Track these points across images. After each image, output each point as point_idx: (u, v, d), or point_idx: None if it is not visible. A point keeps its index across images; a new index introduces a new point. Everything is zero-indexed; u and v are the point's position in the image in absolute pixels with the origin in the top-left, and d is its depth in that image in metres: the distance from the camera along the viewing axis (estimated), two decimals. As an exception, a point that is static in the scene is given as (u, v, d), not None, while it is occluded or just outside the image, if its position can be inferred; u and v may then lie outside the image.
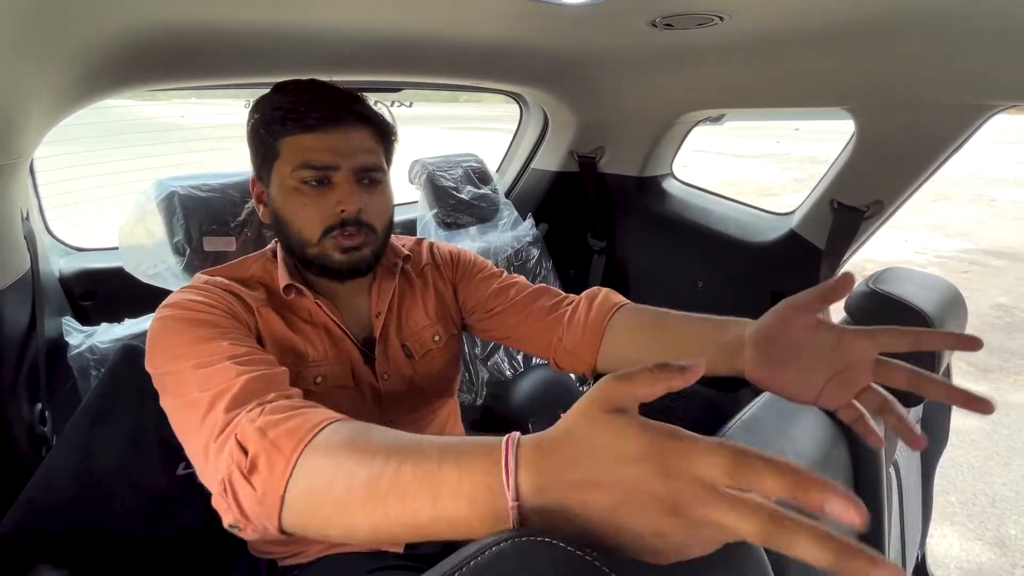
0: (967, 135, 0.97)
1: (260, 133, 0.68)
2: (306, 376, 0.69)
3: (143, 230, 1.08)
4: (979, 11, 0.77)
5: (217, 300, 0.62)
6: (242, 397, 0.49)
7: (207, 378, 0.51)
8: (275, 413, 0.46)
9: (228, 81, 1.01)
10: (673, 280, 1.64)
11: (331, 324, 0.73)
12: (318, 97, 0.67)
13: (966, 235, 5.80)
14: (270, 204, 0.70)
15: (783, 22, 0.88)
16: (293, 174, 0.66)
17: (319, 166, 0.65)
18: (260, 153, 0.69)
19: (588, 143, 1.63)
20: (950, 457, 2.41)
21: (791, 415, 0.71)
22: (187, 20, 0.74)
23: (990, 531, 2.03)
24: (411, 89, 1.34)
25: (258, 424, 0.45)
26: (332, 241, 0.67)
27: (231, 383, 0.50)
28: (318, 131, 0.65)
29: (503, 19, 0.89)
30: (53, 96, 0.74)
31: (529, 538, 0.30)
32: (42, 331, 0.86)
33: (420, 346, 0.81)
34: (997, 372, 3.12)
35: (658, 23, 0.89)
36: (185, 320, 0.58)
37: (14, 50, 0.56)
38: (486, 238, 1.63)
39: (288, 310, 0.70)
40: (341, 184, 0.66)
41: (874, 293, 0.82)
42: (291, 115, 0.65)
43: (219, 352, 0.54)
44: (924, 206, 7.00)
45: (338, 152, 0.66)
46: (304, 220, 0.67)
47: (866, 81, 1.00)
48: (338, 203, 0.66)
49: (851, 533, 0.72)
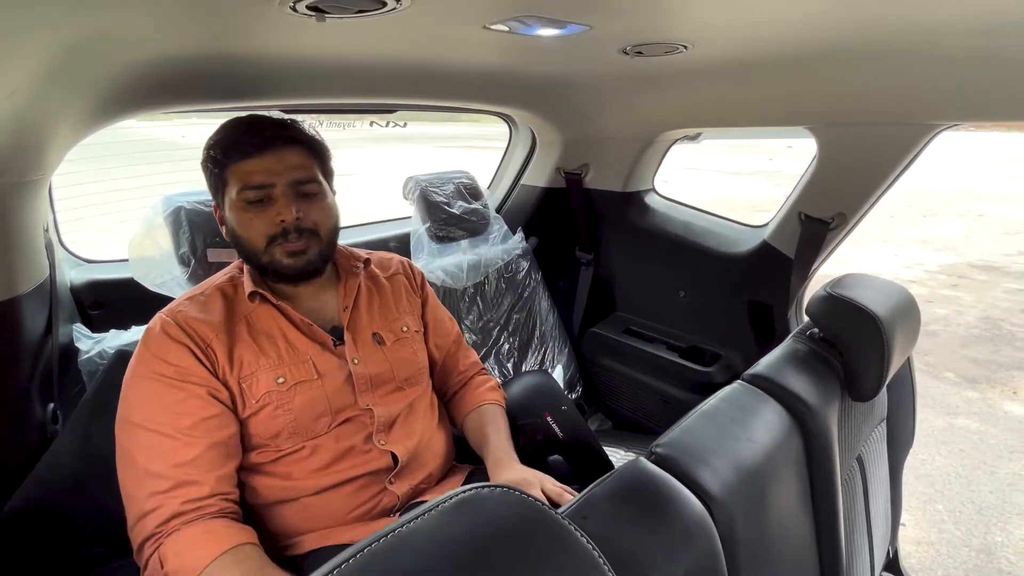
0: (916, 152, 1.05)
1: (209, 167, 0.81)
2: (267, 379, 0.78)
3: (151, 242, 1.15)
4: (919, 41, 0.85)
5: (175, 357, 0.74)
6: (171, 517, 0.68)
7: (157, 447, 0.70)
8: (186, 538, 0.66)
9: (231, 105, 1.09)
10: (657, 290, 1.71)
11: (287, 324, 0.82)
12: (252, 128, 0.79)
13: (954, 250, 5.89)
14: (227, 224, 0.82)
15: (742, 50, 0.96)
16: (239, 196, 0.77)
17: (257, 185, 0.77)
18: (212, 183, 0.82)
19: (574, 160, 1.71)
20: (938, 466, 2.45)
21: (749, 408, 0.77)
22: (195, 52, 0.82)
23: (976, 538, 2.05)
24: (404, 110, 1.43)
25: (177, 547, 0.66)
26: (279, 248, 0.78)
27: (160, 501, 0.68)
28: (254, 156, 0.77)
29: (489, 48, 0.97)
30: (76, 118, 0.82)
31: (491, 488, 0.36)
32: (57, 336, 0.93)
33: (390, 334, 0.91)
34: (984, 383, 3.17)
35: (629, 51, 0.98)
36: (147, 380, 0.73)
37: (46, 78, 0.63)
38: (477, 251, 1.70)
39: (244, 325, 0.80)
40: (279, 199, 0.78)
41: (832, 297, 0.89)
42: (232, 147, 0.78)
43: (170, 424, 0.71)
44: (914, 221, 7.12)
45: (272, 172, 0.77)
46: (252, 234, 0.78)
47: (823, 102, 1.08)
48: (277, 214, 0.78)
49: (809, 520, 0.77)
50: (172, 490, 0.68)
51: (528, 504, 0.36)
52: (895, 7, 0.71)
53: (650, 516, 0.56)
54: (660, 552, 0.53)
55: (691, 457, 0.64)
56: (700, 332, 1.61)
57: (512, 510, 0.35)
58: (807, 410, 0.78)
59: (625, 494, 0.58)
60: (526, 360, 1.71)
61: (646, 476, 0.60)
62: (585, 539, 0.36)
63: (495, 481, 0.49)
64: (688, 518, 0.57)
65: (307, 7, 0.62)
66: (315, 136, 0.84)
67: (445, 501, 0.35)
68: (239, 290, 0.83)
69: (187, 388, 0.73)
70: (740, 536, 0.61)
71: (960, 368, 3.33)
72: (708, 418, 0.72)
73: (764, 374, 0.82)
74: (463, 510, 0.35)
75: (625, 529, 0.53)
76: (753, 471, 0.67)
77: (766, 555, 0.66)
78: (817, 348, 0.91)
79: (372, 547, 0.32)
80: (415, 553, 0.32)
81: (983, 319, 4.07)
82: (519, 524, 0.35)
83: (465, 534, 0.33)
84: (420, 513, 0.34)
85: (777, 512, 0.70)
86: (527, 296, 1.75)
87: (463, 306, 1.61)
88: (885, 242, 6.24)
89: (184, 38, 0.73)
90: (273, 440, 0.78)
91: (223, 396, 0.75)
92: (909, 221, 7.17)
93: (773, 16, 0.76)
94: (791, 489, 0.74)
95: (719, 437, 0.69)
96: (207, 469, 0.71)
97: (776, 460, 0.71)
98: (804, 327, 0.97)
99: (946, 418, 2.81)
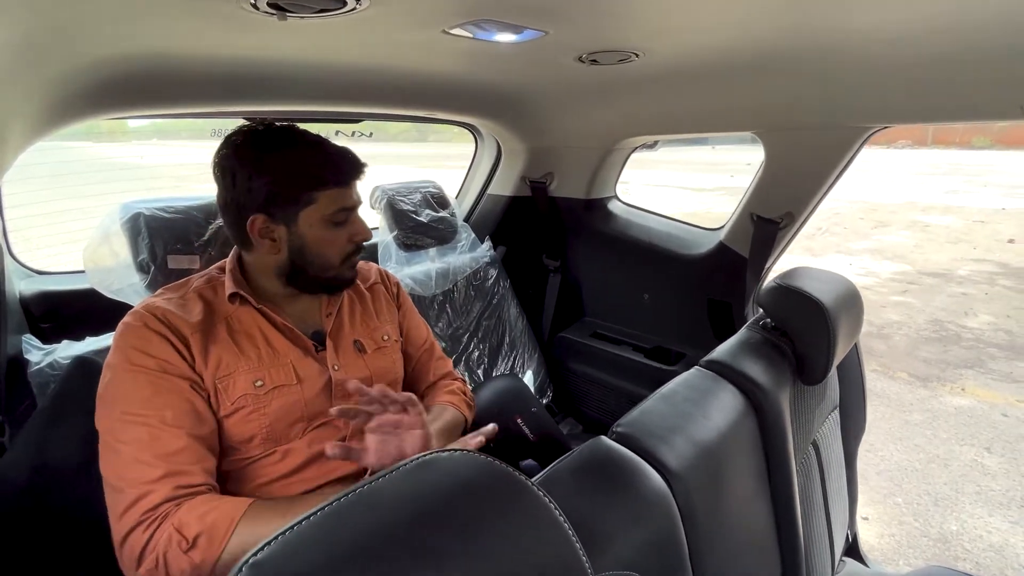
0: (852, 153, 1.13)
1: (299, 182, 0.79)
2: (244, 381, 0.77)
3: (107, 250, 1.12)
4: (843, 49, 0.93)
5: (156, 349, 0.73)
6: (162, 502, 0.66)
7: (142, 437, 0.68)
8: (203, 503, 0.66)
9: (195, 109, 1.09)
10: (622, 294, 1.75)
11: (268, 327, 0.82)
12: (344, 158, 0.83)
13: (903, 258, 6.23)
14: (292, 240, 0.81)
15: (689, 58, 1.03)
16: (331, 216, 0.81)
17: (350, 207, 0.84)
18: (283, 199, 0.79)
19: (538, 169, 1.76)
20: (895, 462, 2.56)
21: (706, 390, 0.80)
22: (155, 51, 0.82)
23: (934, 528, 2.14)
24: (371, 120, 1.45)
25: (198, 512, 0.65)
26: (348, 264, 0.86)
27: (150, 488, 0.66)
28: (348, 185, 0.83)
29: (451, 55, 1.01)
30: (30, 120, 0.80)
31: (452, 451, 0.37)
32: (4, 346, 0.89)
33: (371, 343, 0.92)
34: (935, 381, 3.34)
35: (584, 59, 1.03)
36: (126, 376, 0.72)
37: (1, 74, 0.62)
38: (445, 259, 1.71)
39: (223, 326, 0.79)
40: (356, 220, 0.86)
41: (781, 288, 0.94)
42: (333, 173, 0.81)
43: (154, 415, 0.69)
44: (865, 233, 7.49)
45: (357, 197, 0.86)
46: (333, 251, 0.84)
47: (765, 108, 1.16)
48: (355, 233, 0.85)
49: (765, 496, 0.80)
50: (162, 478, 0.66)
51: (490, 463, 0.37)
52: (821, 17, 0.78)
53: (611, 488, 0.58)
54: (621, 521, 0.55)
55: (650, 435, 0.66)
56: (664, 332, 1.65)
57: (473, 469, 0.37)
58: (760, 392, 0.82)
59: (587, 468, 0.59)
60: (496, 366, 1.72)
61: (607, 452, 0.62)
62: (546, 498, 0.38)
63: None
64: (648, 490, 0.59)
65: (268, 5, 0.63)
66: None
67: (408, 463, 0.36)
68: (219, 292, 0.82)
69: (169, 380, 0.71)
70: (698, 508, 0.63)
71: (912, 368, 3.50)
72: (666, 400, 0.75)
73: (720, 359, 0.86)
74: (426, 469, 0.36)
75: (587, 499, 0.55)
76: (710, 447, 0.70)
77: (723, 527, 0.68)
78: (769, 336, 0.96)
79: (338, 503, 0.33)
80: (380, 507, 0.33)
81: (932, 322, 4.29)
82: (480, 481, 0.36)
83: (428, 489, 0.35)
84: (384, 473, 0.35)
85: (734, 486, 0.73)
86: (496, 303, 1.77)
87: (432, 314, 1.62)
88: (839, 252, 6.54)
89: (144, 35, 0.73)
90: (245, 445, 0.77)
91: (202, 392, 0.74)
92: (861, 232, 7.54)
93: (716, 24, 0.82)
94: (747, 464, 0.77)
95: (677, 417, 0.72)
96: (195, 460, 0.69)
97: (732, 438, 0.75)
98: (757, 318, 1.02)
99: (901, 415, 2.94)
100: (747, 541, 0.75)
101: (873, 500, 2.30)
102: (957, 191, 10.73)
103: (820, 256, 6.34)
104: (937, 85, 0.94)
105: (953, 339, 3.95)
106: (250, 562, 0.29)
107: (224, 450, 0.76)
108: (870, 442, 2.70)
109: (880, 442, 2.70)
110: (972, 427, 2.82)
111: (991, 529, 2.10)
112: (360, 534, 0.31)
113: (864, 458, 2.59)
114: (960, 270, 5.69)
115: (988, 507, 2.23)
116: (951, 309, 4.56)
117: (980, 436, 2.73)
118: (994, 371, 3.44)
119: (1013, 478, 2.40)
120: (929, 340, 3.94)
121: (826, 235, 7.42)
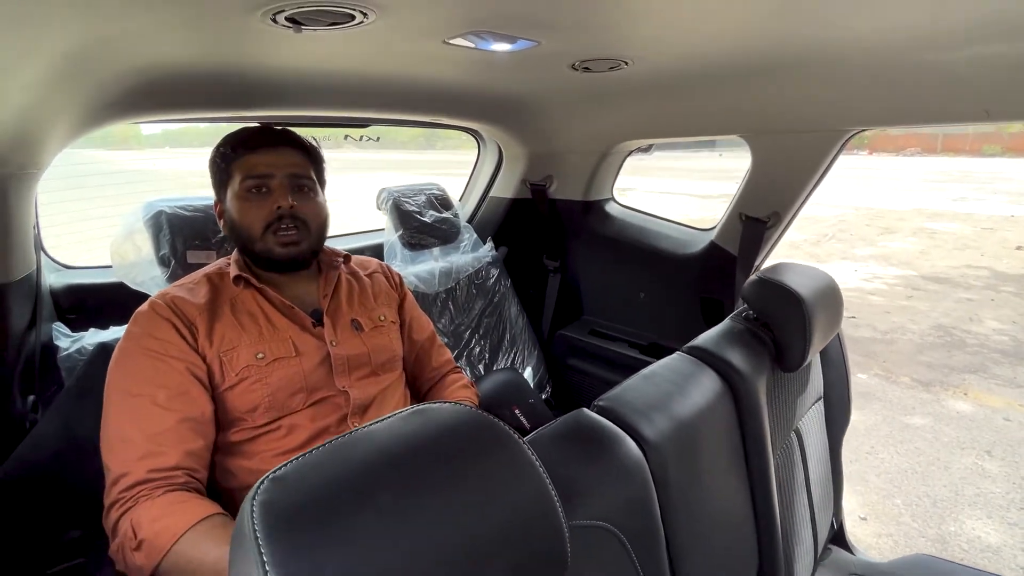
0: (834, 155, 1.19)
1: (218, 162, 0.91)
2: (247, 354, 0.84)
3: (131, 245, 1.21)
4: (822, 56, 0.99)
5: (161, 333, 0.80)
6: (136, 483, 0.71)
7: (133, 414, 0.75)
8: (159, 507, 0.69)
9: (213, 115, 1.17)
10: (620, 292, 1.81)
11: (268, 306, 0.89)
12: (258, 131, 0.91)
13: (909, 264, 6.21)
14: (226, 215, 0.91)
15: (676, 65, 1.09)
16: (242, 185, 0.87)
17: (259, 175, 0.88)
18: (218, 177, 0.92)
19: (538, 172, 1.83)
20: (895, 464, 2.57)
21: (686, 372, 0.85)
22: (184, 61, 0.90)
23: (932, 529, 2.16)
24: (378, 125, 1.52)
25: (151, 514, 0.69)
26: (272, 237, 0.87)
27: (127, 468, 0.72)
28: (259, 151, 0.88)
29: (453, 64, 1.08)
30: (73, 119, 0.89)
31: (443, 403, 0.43)
32: (40, 327, 0.97)
33: (368, 321, 0.99)
34: (938, 385, 3.34)
35: (577, 66, 1.09)
36: (133, 356, 0.79)
37: (53, 78, 0.70)
38: (448, 259, 1.78)
39: (228, 306, 0.87)
40: (277, 189, 0.88)
41: (763, 281, 1.00)
42: (240, 144, 0.89)
43: (148, 394, 0.76)
44: (872, 239, 7.48)
45: (273, 165, 0.88)
46: (250, 220, 0.87)
47: (751, 113, 1.22)
48: (274, 202, 0.87)
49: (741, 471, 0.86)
50: (141, 458, 0.72)
51: (476, 414, 0.43)
52: (800, 28, 0.84)
53: (589, 452, 0.63)
54: (597, 480, 0.60)
55: (630, 408, 0.72)
56: (659, 329, 1.70)
57: (461, 416, 0.42)
58: (738, 375, 0.87)
59: (568, 435, 0.65)
60: (497, 361, 1.78)
61: (588, 421, 0.68)
62: (527, 447, 0.43)
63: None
64: (624, 456, 0.65)
65: (286, 19, 0.71)
66: (311, 143, 0.96)
67: (404, 411, 0.42)
68: (225, 278, 0.90)
69: (168, 362, 0.78)
70: (672, 476, 0.69)
71: (915, 372, 3.51)
72: (647, 379, 0.81)
73: (701, 346, 0.92)
74: (418, 416, 0.42)
75: (565, 460, 0.60)
76: (686, 423, 0.75)
77: (698, 497, 0.73)
78: (751, 326, 1.01)
79: (346, 437, 0.39)
80: (375, 444, 0.39)
81: (936, 327, 4.29)
82: (467, 426, 0.42)
83: (420, 431, 0.40)
84: (384, 418, 0.41)
85: (709, 460, 0.78)
86: (497, 301, 1.84)
87: (435, 310, 1.68)
88: (845, 259, 6.53)
89: (174, 47, 0.81)
90: (250, 415, 0.82)
91: (201, 373, 0.80)
92: (867, 239, 7.53)
93: (700, 33, 0.88)
94: (722, 441, 0.82)
95: (657, 394, 0.77)
96: (177, 442, 0.75)
97: (708, 416, 0.80)
98: (741, 310, 1.08)
99: (902, 418, 2.95)
100: (722, 511, 0.80)
101: (871, 501, 2.32)
102: (966, 198, 10.68)
103: (825, 262, 6.33)
104: (909, 91, 0.99)
105: (958, 344, 3.95)
106: (271, 476, 0.35)
107: (231, 422, 0.82)
108: (870, 444, 2.71)
109: (880, 445, 2.72)
110: (974, 431, 2.83)
111: (989, 531, 2.11)
112: (362, 461, 0.37)
113: (863, 460, 2.61)
114: (967, 276, 5.67)
115: (987, 509, 2.24)
116: (956, 315, 4.56)
117: (981, 440, 2.74)
118: (998, 376, 3.44)
119: (1013, 481, 2.41)
120: (933, 345, 3.94)
121: (832, 242, 7.42)
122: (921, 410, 3.05)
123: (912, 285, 5.41)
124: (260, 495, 0.33)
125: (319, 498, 0.34)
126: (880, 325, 4.35)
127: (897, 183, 13.04)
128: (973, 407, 3.08)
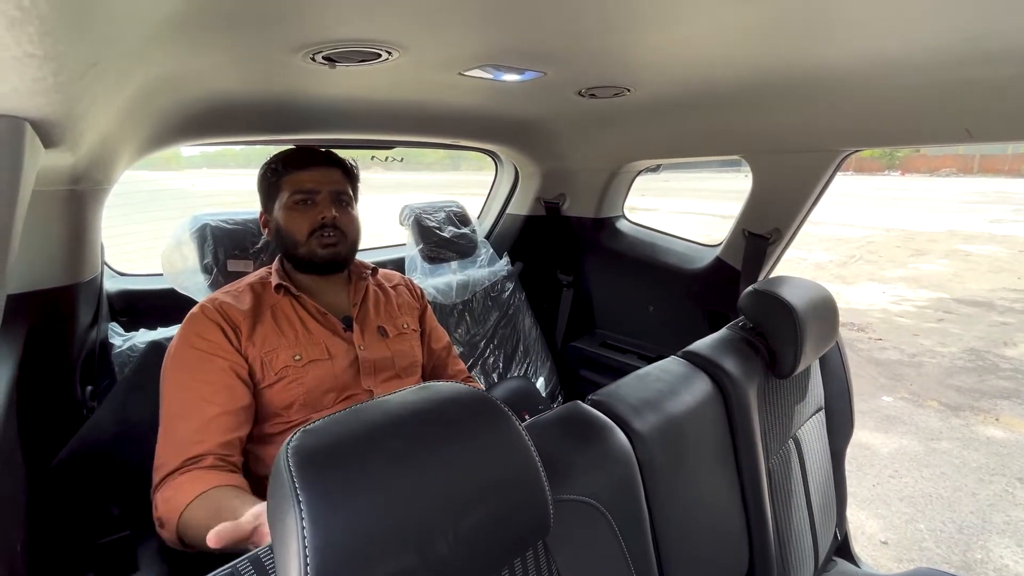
0: (830, 174, 1.24)
1: (268, 177, 1.03)
2: (286, 356, 0.94)
3: (179, 255, 1.34)
4: (817, 80, 1.05)
5: (209, 334, 0.90)
6: (169, 472, 0.80)
7: (182, 408, 0.85)
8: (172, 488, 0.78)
9: (258, 138, 1.31)
10: (629, 306, 1.87)
11: (305, 314, 0.99)
12: (305, 151, 1.04)
13: (940, 287, 6.04)
14: (272, 223, 1.03)
15: (676, 91, 1.17)
16: (291, 197, 0.99)
17: (307, 190, 1.00)
18: (267, 191, 1.04)
19: (552, 190, 1.92)
20: (920, 489, 2.51)
21: (678, 374, 0.91)
22: (227, 92, 1.03)
23: (956, 556, 2.10)
24: (402, 147, 1.65)
25: (165, 495, 0.78)
26: (316, 240, 0.98)
27: (166, 459, 0.81)
28: (307, 170, 1.01)
29: (470, 92, 1.18)
30: (139, 142, 1.03)
31: (446, 383, 0.51)
32: (100, 325, 1.09)
33: (393, 328, 1.08)
34: (968, 411, 3.24)
35: (584, 93, 1.18)
36: (184, 353, 0.89)
37: (127, 108, 0.83)
38: (466, 272, 1.88)
39: (269, 312, 0.97)
40: (322, 202, 1.00)
41: (758, 292, 1.05)
42: (290, 162, 1.02)
43: (194, 389, 0.85)
44: (902, 261, 7.31)
45: (319, 181, 1.01)
46: (297, 226, 0.99)
47: (750, 134, 1.29)
48: (319, 213, 0.99)
49: (731, 469, 0.91)
50: (179, 451, 0.80)
51: (477, 392, 0.50)
52: (794, 54, 0.90)
53: (579, 439, 0.70)
54: (584, 463, 0.67)
55: (622, 403, 0.78)
56: (667, 342, 1.75)
57: (463, 392, 0.50)
58: (728, 379, 0.92)
59: (559, 423, 0.72)
60: (510, 371, 1.85)
61: (580, 412, 0.74)
62: (520, 425, 0.50)
63: None
64: (612, 444, 0.71)
65: (323, 58, 0.82)
66: (351, 163, 1.10)
67: (413, 387, 0.50)
68: (267, 287, 1.00)
69: (213, 360, 0.88)
70: (658, 465, 0.74)
71: (944, 396, 3.41)
72: (640, 379, 0.87)
73: (695, 351, 0.97)
74: (426, 389, 0.50)
75: (557, 442, 0.67)
76: (675, 419, 0.80)
77: (683, 487, 0.78)
78: (746, 335, 1.06)
79: (347, 411, 0.47)
80: (390, 409, 0.47)
81: (968, 351, 4.16)
82: (467, 400, 0.49)
83: (425, 401, 0.48)
84: (395, 391, 0.50)
85: (696, 455, 0.83)
86: (511, 313, 1.92)
87: (452, 321, 1.77)
88: (873, 280, 6.40)
89: (228, 81, 0.94)
90: (286, 410, 0.92)
91: (243, 371, 0.90)
92: (897, 261, 7.36)
93: (697, 60, 0.94)
94: (711, 439, 0.87)
95: (648, 392, 0.83)
96: (215, 432, 0.83)
97: (697, 415, 0.85)
98: (737, 320, 1.13)
99: (928, 443, 2.87)
100: (709, 503, 0.84)
101: (894, 525, 2.27)
102: (1003, 220, 10.32)
103: (852, 284, 6.21)
104: (899, 112, 1.05)
105: (990, 369, 3.83)
106: (303, 429, 0.43)
107: (269, 415, 0.92)
108: (894, 468, 2.65)
109: (904, 468, 2.66)
110: (1005, 457, 2.73)
111: (1019, 558, 2.04)
112: (376, 419, 0.45)
113: (886, 483, 2.56)
114: (1002, 299, 5.49)
115: (1016, 537, 2.16)
116: (990, 338, 4.41)
117: (1012, 467, 2.65)
118: (1032, 402, 3.32)
119: (1045, 509, 2.32)
120: (964, 369, 3.83)
121: (860, 263, 7.28)
122: (949, 435, 2.96)
123: (943, 308, 5.27)
124: (293, 442, 0.42)
125: (340, 444, 0.42)
126: (908, 348, 4.24)
127: (931, 204, 12.70)
128: (1005, 432, 2.98)
